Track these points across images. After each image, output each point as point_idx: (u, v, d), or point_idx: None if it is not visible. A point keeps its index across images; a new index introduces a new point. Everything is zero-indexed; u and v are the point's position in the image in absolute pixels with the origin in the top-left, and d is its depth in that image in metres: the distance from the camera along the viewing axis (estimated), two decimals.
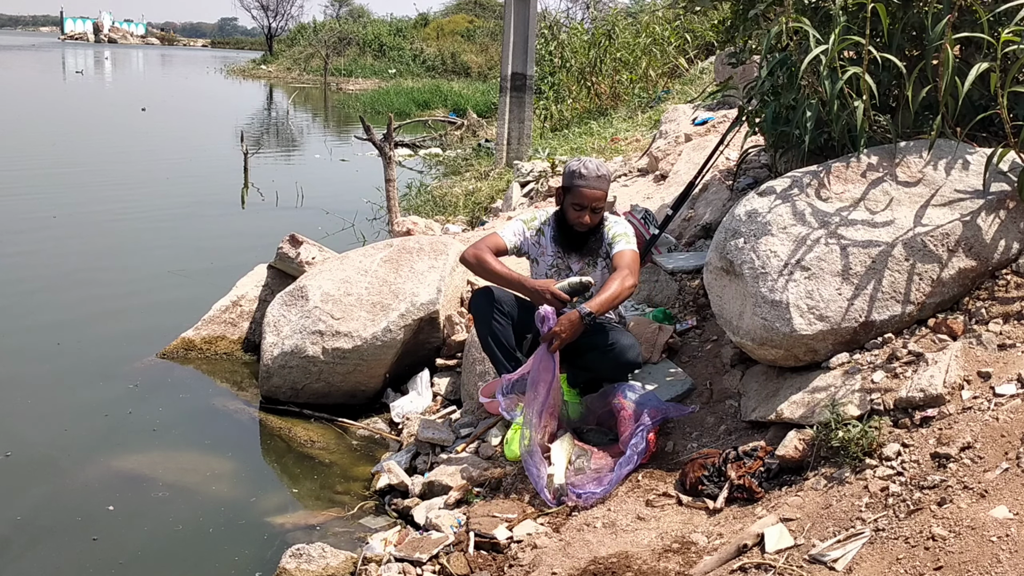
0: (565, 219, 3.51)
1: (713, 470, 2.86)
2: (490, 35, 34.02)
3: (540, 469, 3.08)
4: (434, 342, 4.67)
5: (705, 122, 7.20)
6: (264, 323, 4.74)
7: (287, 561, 3.03)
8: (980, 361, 2.63)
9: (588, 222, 3.45)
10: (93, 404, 4.62)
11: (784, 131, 3.46)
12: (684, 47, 12.76)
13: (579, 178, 3.42)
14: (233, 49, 75.13)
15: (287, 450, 4.21)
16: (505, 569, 2.76)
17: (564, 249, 3.56)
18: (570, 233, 3.51)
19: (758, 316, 2.95)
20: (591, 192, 3.41)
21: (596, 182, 3.42)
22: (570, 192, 3.46)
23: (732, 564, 2.39)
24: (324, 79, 33.84)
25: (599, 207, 3.45)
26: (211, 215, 9.59)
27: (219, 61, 51.22)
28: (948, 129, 3.01)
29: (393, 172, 8.44)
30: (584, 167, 3.44)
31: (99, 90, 29.19)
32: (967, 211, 2.91)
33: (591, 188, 3.41)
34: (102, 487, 3.77)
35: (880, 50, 3.02)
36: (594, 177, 3.42)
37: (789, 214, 3.02)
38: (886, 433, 2.55)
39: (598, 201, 3.43)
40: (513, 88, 10.92)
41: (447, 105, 21.71)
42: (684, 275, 4.35)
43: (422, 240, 5.07)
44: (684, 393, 3.50)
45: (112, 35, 76.78)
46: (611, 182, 3.51)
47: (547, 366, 3.17)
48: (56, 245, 7.85)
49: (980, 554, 2.03)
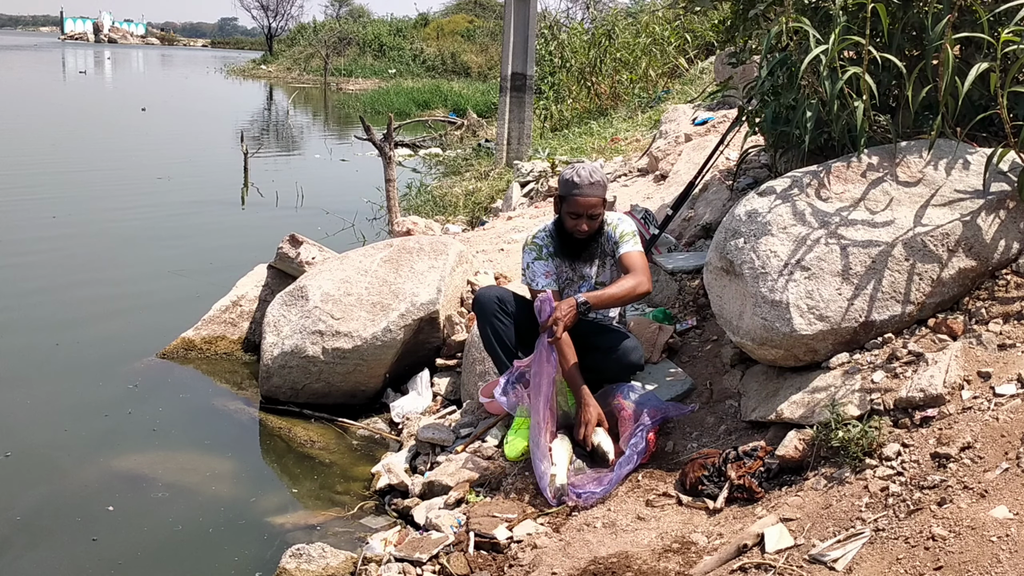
0: (563, 228, 3.50)
1: (713, 470, 2.86)
2: (490, 35, 34.02)
3: (544, 464, 3.08)
4: (434, 342, 4.67)
5: (705, 122, 7.20)
6: (264, 323, 4.74)
7: (287, 561, 3.03)
8: (980, 361, 2.63)
9: (586, 229, 3.43)
10: (93, 404, 4.62)
11: (784, 131, 3.46)
12: (684, 47, 12.76)
13: (573, 187, 3.39)
14: (233, 49, 75.16)
15: (287, 450, 4.21)
16: (505, 569, 2.76)
17: (570, 259, 3.55)
18: (571, 242, 3.50)
19: (758, 316, 2.95)
20: (586, 200, 3.39)
21: (590, 189, 3.39)
22: (565, 201, 3.44)
23: (732, 564, 2.39)
24: (324, 79, 33.84)
25: (595, 213, 3.43)
26: (211, 215, 9.59)
27: (219, 61, 51.23)
28: (948, 129, 3.01)
29: (393, 172, 8.45)
30: (577, 175, 3.40)
31: (100, 90, 29.19)
32: (967, 211, 2.91)
33: (585, 196, 3.38)
34: (102, 487, 3.77)
35: (880, 50, 3.02)
36: (587, 184, 3.39)
37: (789, 214, 3.02)
38: (886, 433, 2.55)
39: (594, 208, 3.41)
40: (513, 88, 10.92)
41: (447, 105, 21.71)
42: (684, 275, 4.35)
43: (422, 240, 5.07)
44: (684, 393, 3.50)
45: (112, 35, 76.81)
46: (607, 185, 3.49)
47: (548, 357, 3.17)
48: (56, 245, 7.85)
49: (980, 554, 2.03)
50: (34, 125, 16.99)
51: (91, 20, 79.55)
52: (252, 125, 19.47)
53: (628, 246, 3.45)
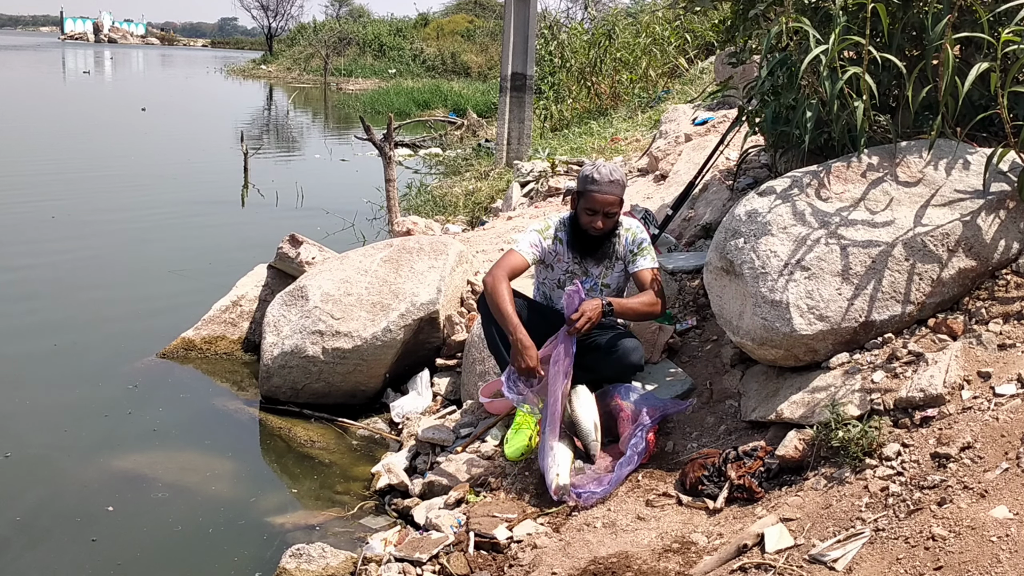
0: (579, 224, 3.50)
1: (713, 470, 2.86)
2: (490, 35, 34.01)
3: (550, 459, 3.08)
4: (434, 342, 4.67)
5: (705, 122, 7.20)
6: (264, 323, 4.74)
7: (287, 561, 3.03)
8: (980, 361, 2.63)
9: (601, 227, 3.43)
10: (93, 404, 4.62)
11: (784, 131, 3.46)
12: (684, 47, 12.76)
13: (591, 183, 3.40)
14: (233, 49, 75.15)
15: (287, 450, 4.21)
16: (505, 569, 2.76)
17: (580, 254, 3.55)
18: (584, 237, 3.49)
19: (758, 316, 2.95)
20: (603, 197, 3.38)
21: (608, 187, 3.39)
22: (583, 197, 3.43)
23: (732, 564, 2.39)
24: (324, 79, 33.84)
25: (612, 211, 3.42)
26: (211, 215, 9.59)
27: (219, 61, 51.23)
28: (948, 129, 3.01)
29: (393, 172, 8.45)
30: (597, 172, 3.41)
31: (100, 90, 29.18)
32: (967, 211, 2.91)
33: (603, 193, 3.38)
34: (102, 487, 3.77)
35: (880, 50, 3.01)
36: (607, 182, 3.39)
37: (789, 214, 3.02)
38: (886, 433, 2.55)
39: (611, 206, 3.40)
40: (513, 88, 10.92)
41: (447, 105, 21.71)
42: (684, 275, 4.35)
43: (422, 240, 5.07)
44: (684, 393, 3.50)
45: (112, 35, 76.81)
46: (626, 185, 3.48)
47: (567, 351, 3.19)
48: (56, 245, 7.85)
49: (980, 554, 2.03)
50: (34, 125, 16.98)
51: (91, 20, 79.54)
52: (252, 125, 19.47)
53: (648, 262, 3.49)
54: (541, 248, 3.53)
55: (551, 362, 3.20)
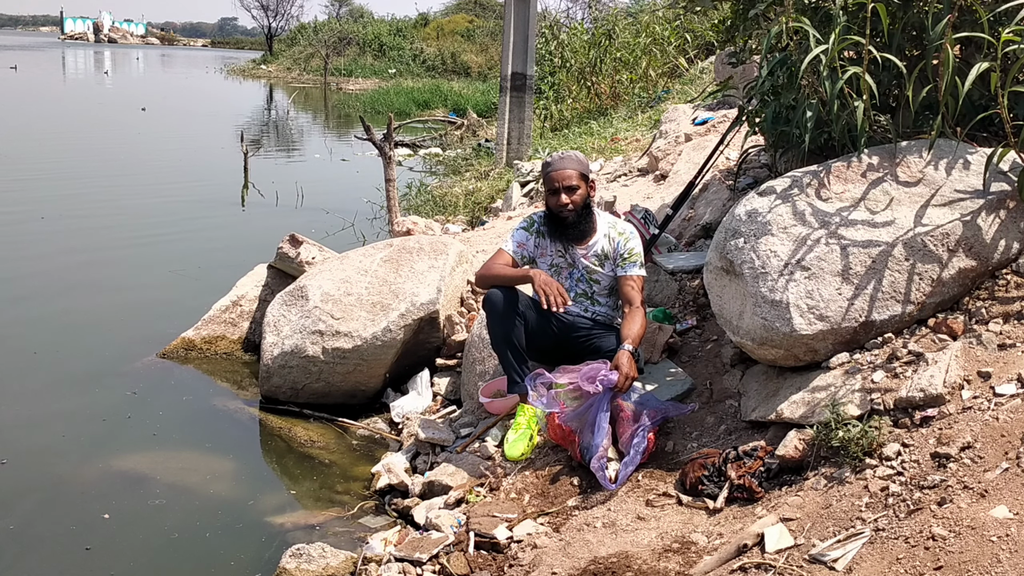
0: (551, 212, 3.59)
1: (713, 470, 2.86)
2: (490, 35, 34.02)
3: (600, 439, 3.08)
4: (434, 342, 4.67)
5: (705, 122, 7.20)
6: (264, 323, 4.74)
7: (287, 561, 3.03)
8: (980, 361, 2.63)
9: (566, 202, 3.51)
10: (92, 404, 4.61)
11: (784, 131, 3.46)
12: (684, 47, 12.76)
13: (547, 166, 3.59)
14: (233, 49, 75.17)
15: (287, 450, 4.21)
16: (505, 569, 2.76)
17: (560, 240, 3.60)
18: (556, 220, 3.57)
19: (758, 316, 2.95)
20: (558, 173, 3.52)
21: (562, 162, 3.54)
22: (544, 182, 3.60)
23: (732, 564, 2.39)
24: (324, 79, 33.83)
25: (572, 185, 3.51)
26: (211, 215, 9.58)
27: (219, 61, 51.22)
28: (948, 129, 3.01)
29: (393, 172, 8.44)
30: (551, 155, 3.63)
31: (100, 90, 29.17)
32: (967, 211, 2.91)
33: (557, 169, 3.53)
34: (102, 488, 3.76)
35: (880, 50, 3.01)
36: (559, 159, 3.56)
37: (789, 214, 3.02)
38: (886, 433, 2.55)
39: (568, 180, 3.51)
40: (513, 88, 10.92)
41: (447, 105, 21.71)
42: (684, 275, 4.35)
43: (422, 240, 5.07)
44: (684, 393, 3.50)
45: (112, 35, 76.81)
46: (586, 163, 3.61)
47: (604, 407, 3.14)
48: (56, 245, 7.85)
49: (980, 554, 2.03)
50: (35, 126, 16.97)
51: (91, 20, 79.56)
52: (252, 125, 19.46)
53: (638, 269, 3.56)
54: (528, 245, 3.64)
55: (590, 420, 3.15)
